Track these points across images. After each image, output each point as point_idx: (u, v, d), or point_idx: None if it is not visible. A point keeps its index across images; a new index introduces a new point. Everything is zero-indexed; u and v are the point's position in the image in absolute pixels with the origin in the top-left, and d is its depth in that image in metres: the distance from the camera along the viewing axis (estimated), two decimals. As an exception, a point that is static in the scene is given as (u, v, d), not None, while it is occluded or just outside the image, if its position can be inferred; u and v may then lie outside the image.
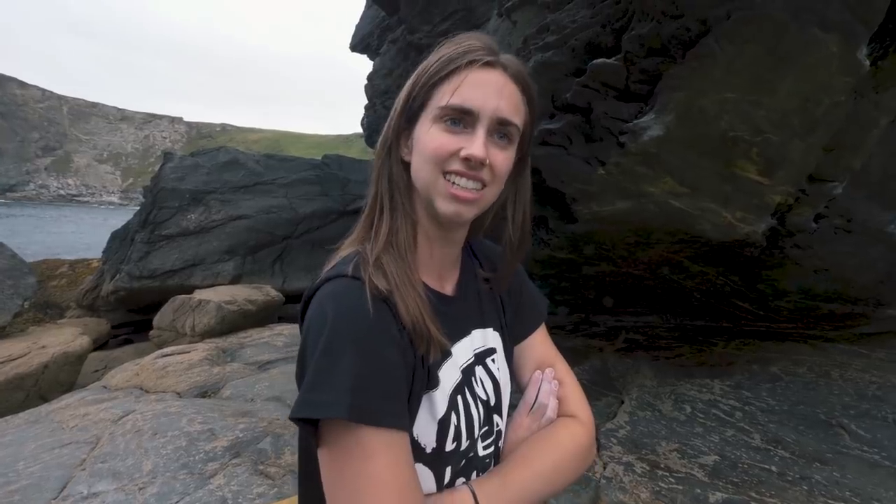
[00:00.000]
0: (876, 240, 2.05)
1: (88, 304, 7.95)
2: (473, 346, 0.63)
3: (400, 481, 0.46)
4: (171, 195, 8.45)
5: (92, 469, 2.01)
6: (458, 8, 2.63)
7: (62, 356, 4.55)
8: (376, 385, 0.46)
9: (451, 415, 0.55)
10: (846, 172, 1.82)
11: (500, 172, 0.56)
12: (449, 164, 0.53)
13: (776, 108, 1.55)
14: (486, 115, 0.53)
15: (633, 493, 1.85)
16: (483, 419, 0.61)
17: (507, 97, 0.55)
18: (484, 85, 0.53)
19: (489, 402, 0.62)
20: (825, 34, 1.35)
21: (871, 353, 3.07)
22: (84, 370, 4.99)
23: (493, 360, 0.65)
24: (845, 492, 1.74)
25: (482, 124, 0.53)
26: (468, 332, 0.62)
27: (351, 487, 0.45)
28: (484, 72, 0.54)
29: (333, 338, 0.46)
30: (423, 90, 0.55)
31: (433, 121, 0.54)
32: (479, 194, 0.55)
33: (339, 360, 0.45)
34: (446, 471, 0.55)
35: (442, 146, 0.53)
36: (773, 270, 2.35)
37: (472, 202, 0.55)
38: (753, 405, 2.44)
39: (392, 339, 0.49)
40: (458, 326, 0.61)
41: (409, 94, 0.57)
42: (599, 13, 1.74)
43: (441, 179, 0.54)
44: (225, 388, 3.14)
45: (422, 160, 0.55)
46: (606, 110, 1.77)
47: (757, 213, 1.94)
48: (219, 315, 5.31)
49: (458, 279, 0.66)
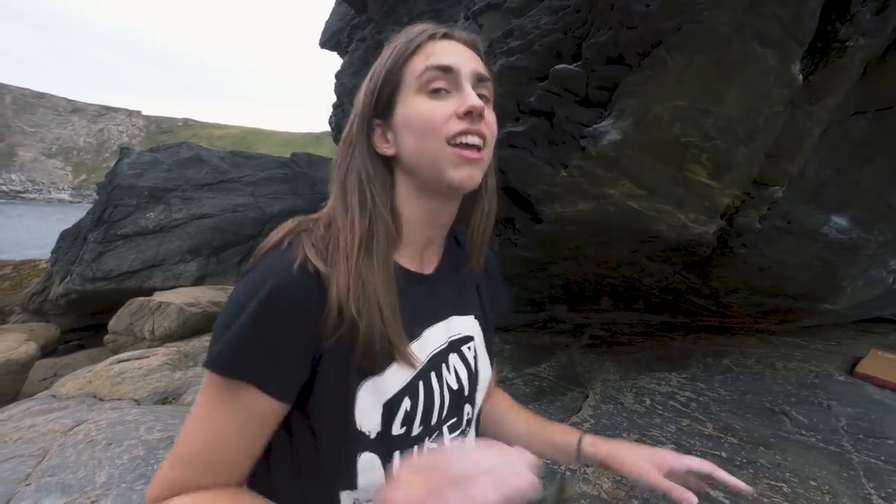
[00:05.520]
0: (813, 240, 2.23)
1: (35, 308, 7.44)
2: (449, 333, 0.60)
3: (223, 442, 0.47)
4: (127, 192, 8.03)
5: (38, 483, 1.90)
6: (425, 9, 2.65)
7: (5, 364, 4.25)
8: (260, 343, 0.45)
9: (404, 399, 0.52)
10: (785, 177, 1.97)
11: (494, 128, 0.55)
12: (448, 127, 0.51)
13: (723, 115, 1.66)
14: (467, 72, 0.53)
15: (595, 484, 1.93)
16: (449, 408, 0.58)
17: (475, 59, 0.55)
18: (450, 50, 0.54)
19: (461, 391, 0.61)
20: (764, 49, 1.46)
21: (811, 344, 3.33)
22: (30, 378, 4.68)
23: (470, 348, 0.63)
24: (786, 473, 1.88)
25: (466, 79, 0.53)
26: (445, 316, 0.60)
27: (191, 427, 0.48)
28: (446, 41, 0.55)
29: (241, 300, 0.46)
30: (390, 77, 0.54)
31: (415, 93, 0.53)
32: (482, 154, 0.53)
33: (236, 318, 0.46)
34: (393, 456, 0.52)
35: (435, 111, 0.51)
36: (723, 269, 2.50)
37: (479, 161, 0.53)
38: (707, 396, 2.59)
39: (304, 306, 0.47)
40: (434, 309, 0.59)
41: (374, 87, 0.54)
42: (561, 20, 1.80)
43: (447, 147, 0.51)
44: (187, 393, 3.03)
45: (418, 136, 0.52)
46: (568, 115, 1.83)
47: (708, 214, 2.07)
48: (180, 318, 5.11)
49: (440, 263, 0.62)
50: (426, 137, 0.52)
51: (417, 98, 0.53)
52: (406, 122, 0.53)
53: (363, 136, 0.55)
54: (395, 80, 0.54)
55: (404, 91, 0.53)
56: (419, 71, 0.52)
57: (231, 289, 4.20)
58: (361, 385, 0.49)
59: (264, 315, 0.45)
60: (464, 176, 0.52)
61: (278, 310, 0.46)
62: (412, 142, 0.53)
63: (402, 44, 0.54)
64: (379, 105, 0.54)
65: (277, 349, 0.46)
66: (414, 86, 0.53)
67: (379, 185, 0.54)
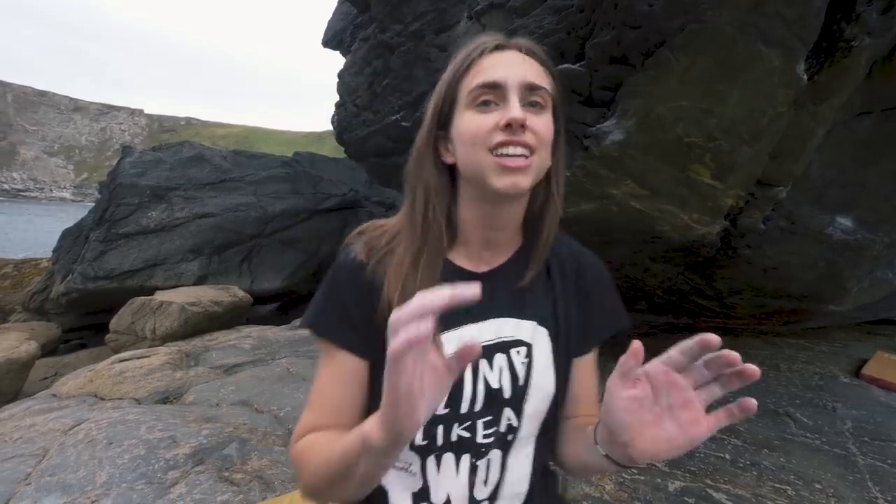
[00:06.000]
0: (817, 241, 2.21)
1: (36, 307, 7.46)
2: (500, 333, 0.61)
3: (326, 394, 0.62)
4: (130, 191, 8.03)
5: (38, 483, 1.89)
6: (428, 9, 2.64)
7: (5, 363, 4.25)
8: (330, 310, 0.62)
9: None
10: (789, 178, 1.96)
11: (544, 135, 0.56)
12: (491, 138, 0.55)
13: (726, 116, 1.65)
14: (514, 84, 0.55)
15: (598, 486, 1.92)
16: (484, 403, 0.60)
17: (528, 66, 0.57)
18: (502, 62, 0.56)
19: (500, 393, 0.60)
20: (768, 49, 1.45)
21: (816, 346, 3.31)
22: (31, 378, 4.68)
23: (520, 353, 0.61)
24: (790, 475, 1.87)
25: (512, 92, 0.55)
26: (495, 316, 0.61)
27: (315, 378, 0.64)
28: (498, 53, 0.57)
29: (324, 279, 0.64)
30: (449, 92, 0.59)
31: (465, 109, 0.57)
32: (528, 161, 0.55)
33: (318, 292, 0.63)
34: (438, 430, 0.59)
35: (479, 125, 0.55)
36: (727, 269, 2.48)
37: (524, 169, 0.55)
38: (709, 397, 2.58)
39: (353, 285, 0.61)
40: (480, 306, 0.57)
41: (438, 101, 0.60)
42: (565, 20, 1.79)
43: (489, 156, 0.55)
44: (188, 393, 3.03)
45: (465, 147, 0.57)
46: (572, 115, 1.82)
47: (711, 215, 2.05)
48: (182, 317, 5.10)
49: (500, 265, 0.64)
50: (472, 148, 0.56)
51: (468, 113, 0.57)
52: (459, 134, 0.58)
53: (429, 147, 0.61)
54: (452, 96, 0.59)
55: (459, 106, 0.58)
56: (470, 87, 0.57)
57: (233, 288, 4.27)
58: None
59: (330, 287, 0.63)
60: (507, 184, 0.55)
61: (337, 283, 0.62)
62: (462, 152, 0.58)
63: (459, 60, 0.59)
64: (440, 119, 0.60)
65: (343, 310, 0.61)
66: (465, 101, 0.57)
67: (439, 193, 0.60)
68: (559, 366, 0.63)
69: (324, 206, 9.80)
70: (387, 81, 3.11)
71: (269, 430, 2.39)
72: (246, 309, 6.24)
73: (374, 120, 3.32)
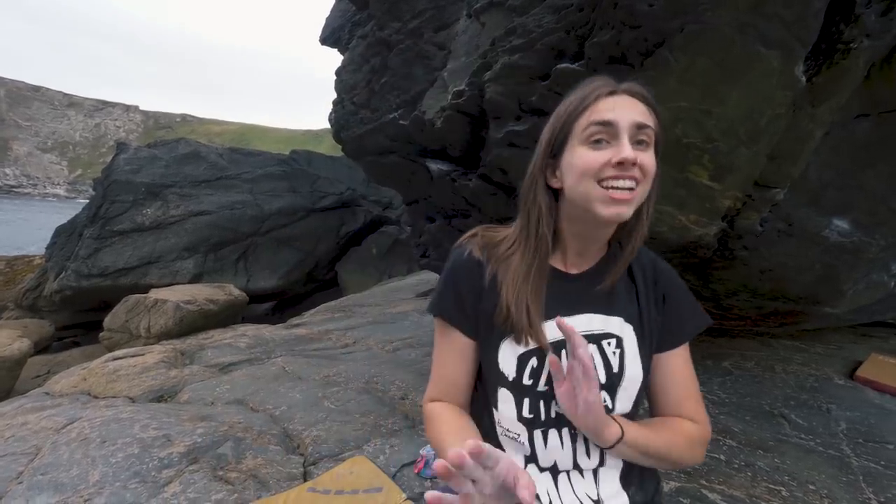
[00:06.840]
0: (813, 243, 2.21)
1: (29, 304, 7.39)
2: (591, 326, 0.71)
3: (444, 367, 0.78)
4: (124, 188, 7.98)
5: (30, 482, 1.87)
6: (427, 6, 2.63)
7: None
8: (449, 297, 0.76)
9: (532, 357, 0.70)
10: (787, 179, 1.96)
11: (649, 170, 0.65)
12: (602, 173, 0.64)
13: (725, 117, 1.64)
14: (625, 124, 0.64)
15: (593, 486, 1.91)
16: None
17: (637, 108, 0.66)
18: (615, 105, 0.65)
19: None
20: (767, 50, 1.45)
21: (811, 348, 3.33)
22: (23, 376, 4.64)
23: (610, 345, 0.72)
24: (784, 476, 1.88)
25: (624, 132, 0.64)
26: (586, 311, 0.72)
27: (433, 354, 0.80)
28: (611, 98, 0.66)
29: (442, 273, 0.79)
30: (564, 127, 0.68)
31: (579, 144, 0.66)
32: (633, 193, 0.64)
33: (439, 282, 0.79)
34: (524, 401, 0.71)
35: (594, 160, 0.64)
36: (724, 271, 2.49)
37: (629, 201, 0.64)
38: (706, 398, 2.58)
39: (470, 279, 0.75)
40: (573, 302, 0.73)
41: (551, 136, 0.70)
42: (564, 19, 1.78)
43: (598, 188, 0.64)
44: (183, 391, 3.01)
45: (576, 177, 0.66)
46: (571, 114, 1.82)
47: (709, 216, 2.05)
48: (177, 315, 5.07)
49: (590, 268, 0.76)
50: (583, 178, 0.65)
51: (580, 148, 0.66)
52: (569, 166, 0.68)
53: (541, 172, 0.72)
54: (566, 132, 0.68)
55: (572, 140, 0.68)
56: (584, 125, 0.66)
57: (228, 286, 4.28)
58: (504, 340, 0.72)
59: (450, 277, 0.77)
60: (612, 213, 0.65)
61: (455, 274, 0.76)
62: (571, 181, 0.68)
63: (576, 101, 0.68)
64: (553, 150, 0.70)
65: (459, 298, 0.75)
66: (579, 137, 0.66)
67: (547, 212, 0.72)
68: (644, 358, 0.73)
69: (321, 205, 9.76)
70: (385, 79, 3.09)
71: (265, 429, 2.37)
72: (241, 307, 6.21)
73: (372, 118, 3.30)
